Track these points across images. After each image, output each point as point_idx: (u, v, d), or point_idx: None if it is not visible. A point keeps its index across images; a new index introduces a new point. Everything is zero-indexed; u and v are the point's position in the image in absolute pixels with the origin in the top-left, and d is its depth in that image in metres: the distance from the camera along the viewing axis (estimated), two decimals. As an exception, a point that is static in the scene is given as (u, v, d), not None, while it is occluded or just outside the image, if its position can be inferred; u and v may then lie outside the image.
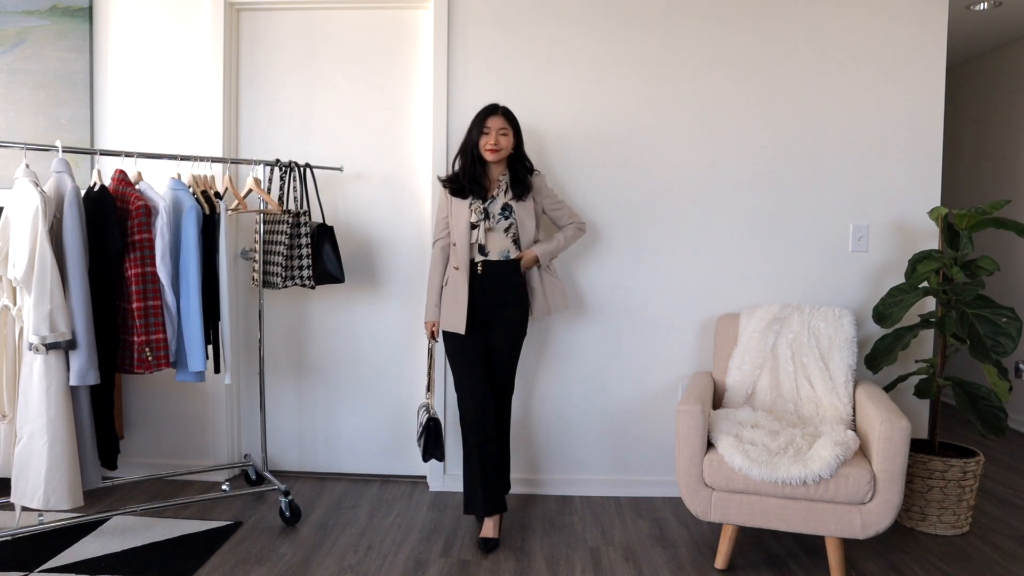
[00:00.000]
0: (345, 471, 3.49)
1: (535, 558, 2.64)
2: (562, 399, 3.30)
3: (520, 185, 2.78)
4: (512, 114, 2.80)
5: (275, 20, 3.37)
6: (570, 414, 3.30)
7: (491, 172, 2.81)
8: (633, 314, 3.25)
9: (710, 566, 2.59)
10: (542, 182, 2.87)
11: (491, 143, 2.72)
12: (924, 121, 3.15)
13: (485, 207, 2.75)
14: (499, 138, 2.73)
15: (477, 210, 2.75)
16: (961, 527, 2.87)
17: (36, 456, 2.34)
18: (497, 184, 2.79)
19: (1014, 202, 4.41)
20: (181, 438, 3.41)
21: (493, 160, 2.75)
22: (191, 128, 3.33)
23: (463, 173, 2.80)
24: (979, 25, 4.10)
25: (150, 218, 2.55)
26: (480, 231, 2.74)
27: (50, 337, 2.31)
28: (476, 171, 2.77)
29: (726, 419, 2.66)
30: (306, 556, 2.62)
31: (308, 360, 3.46)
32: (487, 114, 2.76)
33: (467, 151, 2.79)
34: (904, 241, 3.18)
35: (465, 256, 2.74)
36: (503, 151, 2.75)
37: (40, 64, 3.33)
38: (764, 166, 3.19)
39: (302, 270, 2.95)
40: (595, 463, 3.30)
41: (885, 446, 2.33)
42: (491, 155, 2.73)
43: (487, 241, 2.75)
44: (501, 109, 2.78)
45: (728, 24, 3.17)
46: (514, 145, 2.79)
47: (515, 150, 2.80)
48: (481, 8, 3.21)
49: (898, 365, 3.07)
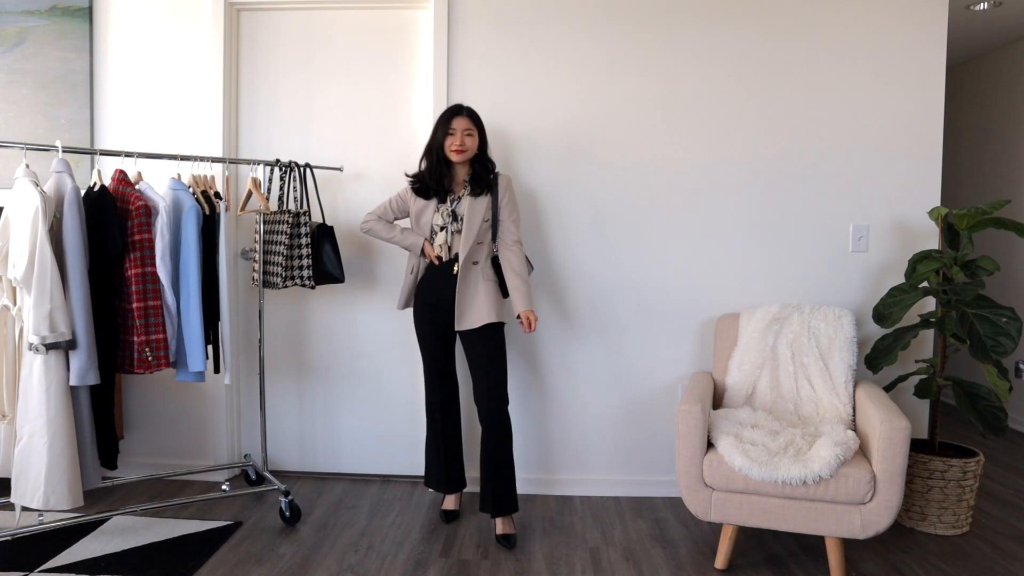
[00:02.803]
0: (345, 471, 3.49)
1: (535, 558, 2.64)
2: (562, 399, 3.30)
3: (477, 182, 2.78)
4: (477, 115, 2.81)
5: (275, 20, 3.37)
6: (570, 414, 3.30)
7: (456, 173, 2.82)
8: (633, 314, 3.25)
9: (710, 566, 2.59)
10: (507, 182, 2.85)
11: (456, 144, 2.73)
12: (924, 121, 3.15)
13: (452, 209, 2.77)
14: (464, 139, 2.74)
15: (444, 212, 2.77)
16: (961, 527, 2.87)
17: (36, 456, 2.34)
18: (463, 185, 2.81)
19: (1014, 202, 4.41)
20: (181, 438, 3.41)
21: (458, 160, 2.76)
22: (191, 128, 3.33)
23: (429, 173, 2.81)
24: (979, 25, 4.10)
25: (150, 218, 2.55)
26: (448, 233, 2.76)
27: (50, 337, 2.31)
28: (441, 171, 2.78)
29: (726, 419, 2.66)
30: (306, 556, 2.62)
31: (308, 360, 3.46)
32: (452, 115, 2.76)
33: (432, 152, 2.80)
34: (904, 241, 3.18)
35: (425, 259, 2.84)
36: (468, 152, 2.76)
37: (40, 64, 3.33)
38: (764, 166, 3.19)
39: (302, 270, 2.95)
40: (595, 463, 3.30)
41: (885, 446, 2.33)
42: (457, 156, 2.74)
43: (455, 243, 2.77)
44: (466, 110, 2.79)
45: (728, 24, 3.17)
46: (479, 145, 2.80)
47: (479, 150, 2.81)
48: (481, 8, 3.21)
49: (898, 365, 3.07)
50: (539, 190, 3.24)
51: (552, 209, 3.24)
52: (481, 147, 2.81)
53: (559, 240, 3.25)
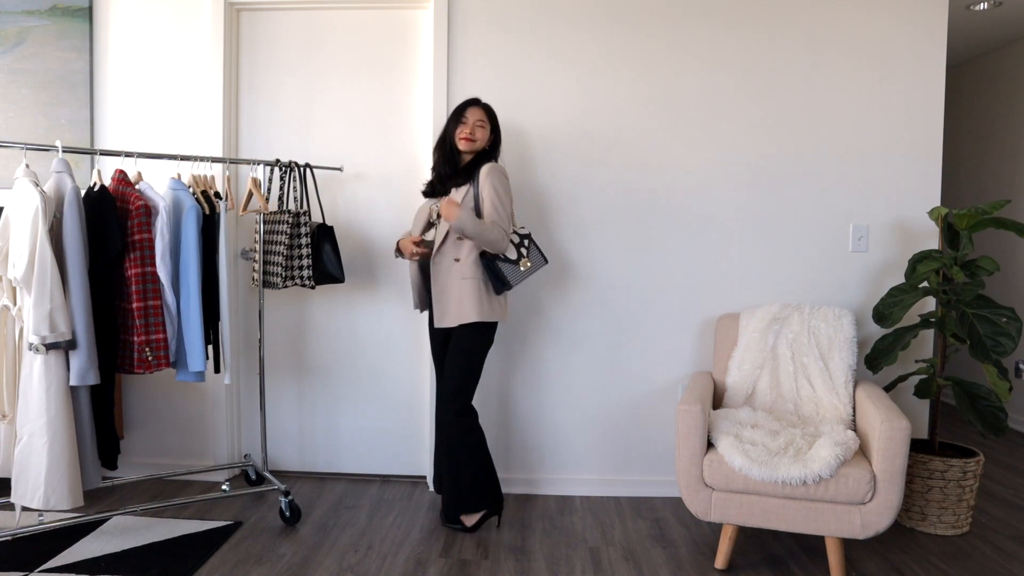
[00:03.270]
0: (345, 471, 3.49)
1: (535, 558, 2.64)
2: (562, 399, 3.30)
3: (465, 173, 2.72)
4: (493, 111, 2.78)
5: (275, 20, 3.37)
6: (570, 414, 3.30)
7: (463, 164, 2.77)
8: (633, 314, 3.25)
9: (710, 566, 2.59)
10: (487, 170, 2.65)
11: (466, 132, 2.69)
12: (924, 121, 3.15)
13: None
14: (475, 129, 2.70)
15: (435, 208, 2.76)
16: (961, 527, 2.87)
17: (36, 456, 2.34)
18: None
19: (1014, 202, 4.41)
20: (181, 438, 3.41)
21: (466, 150, 2.72)
22: (191, 128, 3.33)
23: (442, 162, 2.76)
24: (979, 25, 4.10)
25: (150, 218, 2.55)
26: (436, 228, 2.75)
27: (50, 337, 2.31)
28: (454, 159, 2.74)
29: (726, 419, 2.66)
30: (306, 556, 2.62)
31: (308, 360, 3.46)
32: (467, 105, 2.74)
33: (444, 142, 2.76)
34: (904, 241, 3.18)
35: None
36: (478, 143, 2.72)
37: (40, 64, 3.33)
38: (764, 166, 3.19)
39: (302, 270, 2.96)
40: (595, 463, 3.30)
41: (885, 446, 2.33)
42: (465, 144, 2.70)
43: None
44: (483, 103, 2.76)
45: (729, 24, 3.17)
46: (490, 141, 2.76)
47: (490, 146, 2.77)
48: (481, 8, 3.21)
49: (898, 365, 3.07)
50: (539, 190, 3.24)
51: (552, 209, 3.24)
52: (493, 144, 2.77)
53: (559, 239, 3.25)
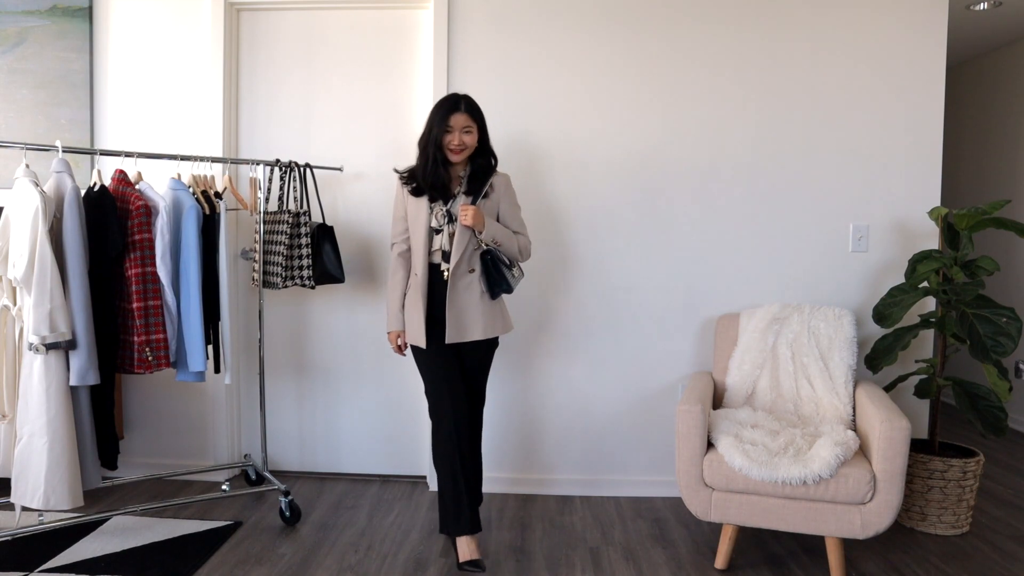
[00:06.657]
0: (345, 471, 3.49)
1: (535, 558, 2.64)
2: (562, 399, 3.30)
3: (477, 181, 2.55)
4: (476, 107, 2.55)
5: (275, 20, 3.37)
6: (570, 414, 3.30)
7: (453, 170, 2.57)
8: (633, 314, 3.25)
9: (710, 566, 2.59)
10: (506, 181, 2.63)
11: (455, 143, 2.49)
12: (924, 121, 3.15)
13: (447, 209, 2.53)
14: (463, 137, 2.49)
15: (439, 214, 2.52)
16: (961, 527, 2.87)
17: (36, 456, 2.34)
18: (459, 181, 2.58)
19: (1014, 202, 4.41)
20: (181, 438, 3.41)
21: (458, 160, 2.53)
22: (191, 128, 3.33)
23: (423, 172, 2.53)
24: (979, 25, 4.10)
25: (150, 218, 2.55)
26: (443, 237, 2.52)
27: (50, 337, 2.31)
28: (438, 172, 2.50)
29: (726, 419, 2.66)
30: (306, 556, 2.62)
31: (308, 360, 3.46)
32: (449, 111, 2.49)
33: (427, 148, 2.52)
34: (904, 241, 3.18)
35: (423, 262, 2.53)
36: (468, 150, 2.53)
37: (40, 64, 3.33)
38: (764, 166, 3.19)
39: (302, 270, 2.96)
40: (595, 463, 3.30)
41: (885, 446, 2.33)
42: (455, 156, 2.51)
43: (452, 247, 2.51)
44: (464, 105, 2.51)
45: (729, 24, 3.17)
46: (479, 139, 2.55)
47: (480, 144, 2.56)
48: (481, 8, 3.21)
49: (898, 365, 3.07)
50: (538, 190, 3.23)
51: (551, 208, 3.24)
52: (482, 140, 2.57)
53: (558, 239, 3.25)
